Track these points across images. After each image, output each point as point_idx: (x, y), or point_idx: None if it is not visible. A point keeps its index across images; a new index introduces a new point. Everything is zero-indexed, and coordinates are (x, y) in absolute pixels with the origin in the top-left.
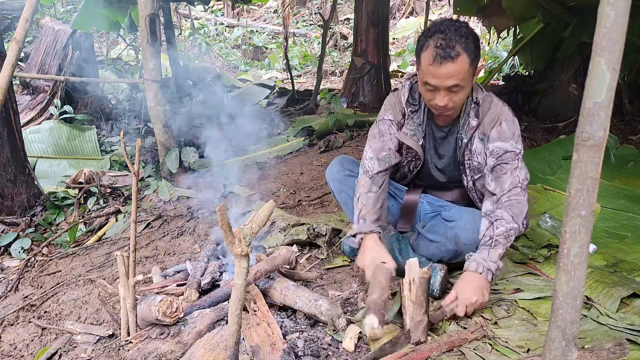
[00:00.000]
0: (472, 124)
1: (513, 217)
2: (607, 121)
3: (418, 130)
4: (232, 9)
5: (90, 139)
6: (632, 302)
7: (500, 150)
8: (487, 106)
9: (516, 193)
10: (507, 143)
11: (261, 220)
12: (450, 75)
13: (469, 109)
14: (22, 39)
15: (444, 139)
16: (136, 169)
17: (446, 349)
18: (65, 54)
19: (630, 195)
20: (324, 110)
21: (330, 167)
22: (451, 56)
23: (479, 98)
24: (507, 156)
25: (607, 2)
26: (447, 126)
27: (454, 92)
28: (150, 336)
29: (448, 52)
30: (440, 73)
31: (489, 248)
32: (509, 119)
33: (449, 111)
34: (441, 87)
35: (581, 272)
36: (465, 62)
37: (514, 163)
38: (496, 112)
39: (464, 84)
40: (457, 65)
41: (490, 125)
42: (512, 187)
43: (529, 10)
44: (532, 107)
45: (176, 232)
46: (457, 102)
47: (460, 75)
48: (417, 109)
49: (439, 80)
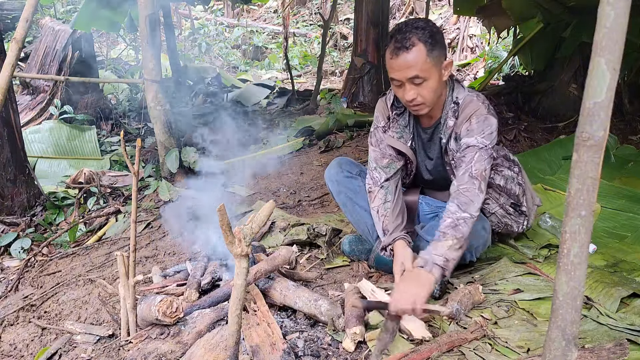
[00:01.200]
0: (449, 124)
1: (459, 206)
2: (607, 121)
3: (405, 132)
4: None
5: (90, 139)
6: (632, 302)
7: (464, 146)
8: (466, 104)
9: (464, 182)
10: (472, 138)
11: (261, 220)
12: (408, 65)
13: (448, 109)
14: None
15: (430, 141)
16: (136, 169)
17: (446, 349)
18: (65, 54)
19: (630, 195)
20: (324, 110)
21: (329, 168)
22: (405, 46)
23: (459, 98)
24: (467, 150)
25: (607, 2)
26: (430, 128)
27: (418, 84)
28: (150, 336)
29: (404, 42)
30: (398, 64)
31: (436, 242)
32: (480, 116)
33: (421, 107)
34: (404, 80)
35: (581, 272)
36: (421, 51)
37: (471, 155)
38: (470, 109)
39: (425, 75)
40: (412, 54)
41: (461, 123)
42: (461, 177)
43: (529, 10)
44: (532, 107)
45: (176, 232)
46: (426, 96)
47: (418, 65)
48: (402, 111)
49: (399, 73)
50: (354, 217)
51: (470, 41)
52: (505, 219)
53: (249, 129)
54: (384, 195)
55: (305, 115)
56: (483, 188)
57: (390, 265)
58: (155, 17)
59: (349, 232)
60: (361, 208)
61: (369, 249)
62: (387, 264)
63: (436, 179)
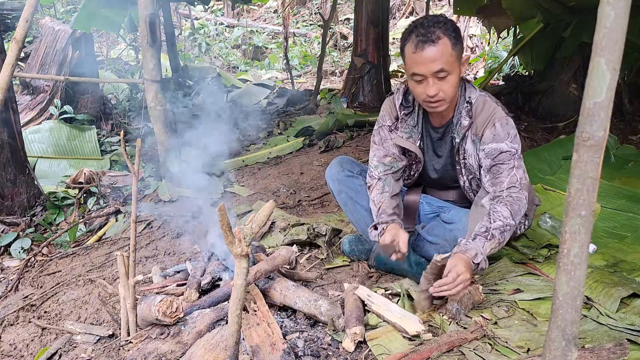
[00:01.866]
0: (464, 124)
1: (512, 214)
2: (607, 121)
3: (413, 132)
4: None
5: (90, 139)
6: (632, 302)
7: (496, 151)
8: (480, 106)
9: (515, 191)
10: (502, 143)
11: (261, 220)
12: (435, 58)
13: (461, 108)
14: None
15: (441, 140)
16: (136, 169)
17: (446, 349)
18: (65, 54)
19: (630, 195)
20: (324, 110)
21: (330, 167)
22: (432, 39)
23: (471, 97)
24: (503, 156)
25: (607, 2)
26: (442, 127)
27: (442, 78)
28: (150, 336)
29: (429, 36)
30: (424, 58)
31: (484, 240)
32: (502, 119)
33: (441, 104)
34: (428, 74)
35: (581, 272)
36: (447, 44)
37: (510, 163)
38: (489, 112)
39: (449, 68)
40: (439, 47)
41: (483, 126)
42: (511, 186)
43: (529, 10)
44: (532, 107)
45: (176, 232)
46: (447, 91)
47: (444, 58)
48: (411, 110)
49: (424, 67)
50: (355, 216)
51: (470, 41)
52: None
53: (249, 129)
54: (382, 187)
55: (305, 115)
56: (527, 196)
57: (390, 265)
58: (155, 17)
59: (349, 232)
60: (362, 207)
61: (369, 249)
62: (387, 264)
63: (442, 178)
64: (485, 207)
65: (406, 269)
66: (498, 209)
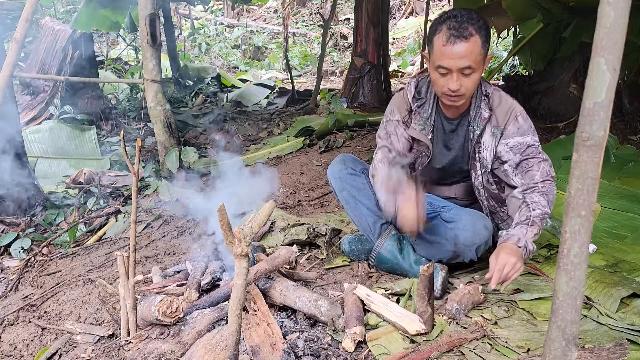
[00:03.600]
0: (484, 115)
1: (549, 203)
2: (607, 121)
3: (427, 124)
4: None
5: (90, 139)
6: (632, 302)
7: (523, 146)
8: (497, 99)
9: (548, 183)
10: (527, 137)
11: (261, 220)
12: (464, 54)
13: (479, 100)
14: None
15: (454, 132)
16: (136, 169)
17: (446, 349)
18: (65, 54)
19: (630, 195)
20: (324, 110)
21: (332, 165)
22: (464, 35)
23: (488, 91)
24: (530, 150)
25: (607, 2)
26: (457, 119)
27: (466, 75)
28: (150, 336)
29: (461, 31)
30: (454, 53)
31: (526, 226)
32: (523, 113)
33: (460, 99)
34: (454, 69)
35: (581, 272)
36: (478, 43)
37: (539, 156)
38: (508, 105)
39: (476, 66)
40: (470, 44)
41: (504, 119)
42: (544, 179)
43: (529, 10)
44: (532, 107)
45: (176, 232)
46: (469, 87)
47: (472, 55)
48: (424, 102)
49: (452, 61)
50: (356, 214)
51: None
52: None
53: (249, 129)
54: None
55: (305, 115)
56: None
57: (390, 264)
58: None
59: (349, 232)
60: (364, 206)
61: (369, 249)
62: (387, 263)
63: (448, 172)
64: (518, 198)
65: (406, 269)
66: (536, 198)
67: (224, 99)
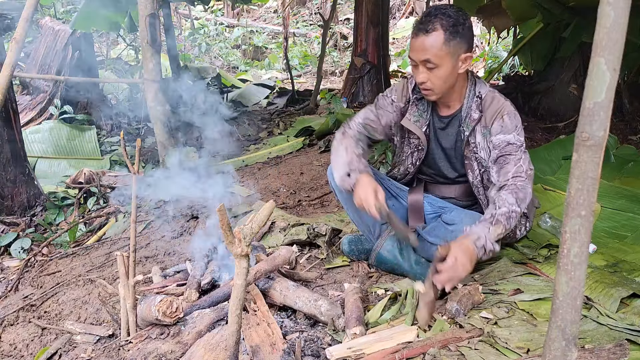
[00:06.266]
0: (474, 117)
1: (517, 200)
2: (607, 121)
3: (422, 117)
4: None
5: (90, 139)
6: (632, 302)
7: (503, 143)
8: (489, 100)
9: (520, 180)
10: (509, 135)
11: (261, 220)
12: (423, 47)
13: (471, 102)
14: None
15: (444, 130)
16: (136, 169)
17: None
18: (65, 54)
19: (630, 195)
20: (324, 110)
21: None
22: (427, 29)
23: (481, 92)
24: (510, 148)
25: (607, 2)
26: (447, 117)
27: (430, 70)
28: (150, 336)
29: (425, 25)
30: (415, 45)
31: (489, 225)
32: (510, 113)
33: (430, 93)
34: (417, 61)
35: (581, 272)
36: (439, 38)
37: (517, 154)
38: (498, 106)
39: (437, 61)
40: (429, 38)
41: (492, 118)
42: (516, 175)
43: (529, 10)
44: (532, 107)
45: (176, 232)
46: (435, 82)
47: (432, 50)
48: (422, 96)
49: (414, 53)
50: (356, 215)
51: None
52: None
53: (249, 129)
54: (356, 142)
55: (305, 115)
56: (532, 187)
57: (390, 265)
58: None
59: (349, 232)
60: None
61: (369, 249)
62: (387, 263)
63: (442, 170)
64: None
65: (406, 269)
66: (503, 196)
67: (224, 99)
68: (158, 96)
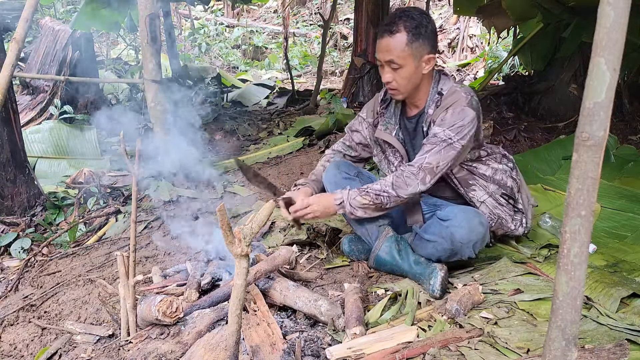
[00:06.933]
0: (429, 113)
1: (393, 184)
2: (607, 121)
3: (390, 124)
4: (232, 9)
5: (90, 139)
6: (632, 302)
7: (431, 133)
8: (448, 97)
9: (412, 168)
10: (440, 129)
11: (261, 220)
12: (387, 48)
13: (431, 100)
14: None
15: (415, 130)
16: (136, 169)
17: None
18: (65, 54)
19: (630, 195)
20: (324, 110)
21: (327, 171)
22: (390, 31)
23: (443, 89)
24: (433, 139)
25: (607, 2)
26: (414, 117)
27: (395, 70)
28: (150, 336)
29: (389, 27)
30: (380, 46)
31: (357, 192)
32: (457, 107)
33: (396, 93)
34: (382, 61)
35: (581, 272)
36: (402, 39)
37: (432, 146)
38: (451, 100)
39: (400, 62)
40: (393, 40)
41: (439, 112)
42: (414, 162)
43: (529, 10)
44: (532, 107)
45: (176, 232)
46: (399, 82)
47: (396, 51)
48: (388, 103)
49: (380, 54)
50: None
51: (470, 41)
52: (497, 211)
53: (249, 129)
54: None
55: (305, 115)
56: (426, 180)
57: (390, 266)
58: (155, 17)
59: (348, 231)
60: None
61: (369, 249)
62: (386, 265)
63: None
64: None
65: (406, 270)
66: (387, 178)
67: (224, 99)
68: (158, 96)
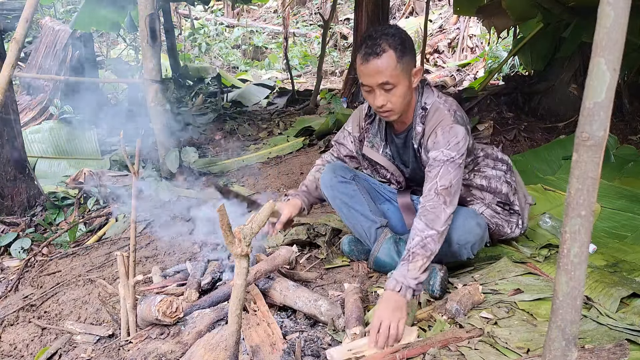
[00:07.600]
0: (418, 130)
1: (427, 224)
2: (607, 121)
3: (375, 141)
4: (232, 9)
5: (90, 139)
6: (632, 302)
7: (431, 159)
8: (432, 113)
9: (430, 198)
10: (438, 151)
11: (261, 220)
12: (378, 71)
13: (417, 115)
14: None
15: (404, 146)
16: (136, 169)
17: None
18: (65, 54)
19: (630, 195)
20: (324, 110)
21: (323, 175)
22: (377, 52)
23: (427, 103)
24: (434, 164)
25: (607, 2)
26: (403, 133)
27: (388, 90)
28: (150, 336)
29: (374, 49)
30: (368, 70)
31: (407, 263)
32: (445, 127)
33: (391, 114)
34: (374, 86)
35: (581, 272)
36: (391, 57)
37: (436, 169)
38: (436, 119)
39: (394, 81)
40: (382, 60)
41: (428, 134)
42: (427, 193)
43: (529, 10)
44: (532, 107)
45: (176, 232)
46: (395, 102)
47: (388, 71)
48: (372, 119)
49: (369, 79)
50: (351, 221)
51: (470, 41)
52: (495, 219)
53: (249, 129)
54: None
55: (305, 115)
56: (449, 202)
57: (389, 267)
58: (155, 17)
59: (348, 232)
60: (357, 212)
61: (369, 249)
62: (386, 267)
63: (418, 180)
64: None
65: None
66: (415, 223)
67: (224, 99)
68: (158, 96)
